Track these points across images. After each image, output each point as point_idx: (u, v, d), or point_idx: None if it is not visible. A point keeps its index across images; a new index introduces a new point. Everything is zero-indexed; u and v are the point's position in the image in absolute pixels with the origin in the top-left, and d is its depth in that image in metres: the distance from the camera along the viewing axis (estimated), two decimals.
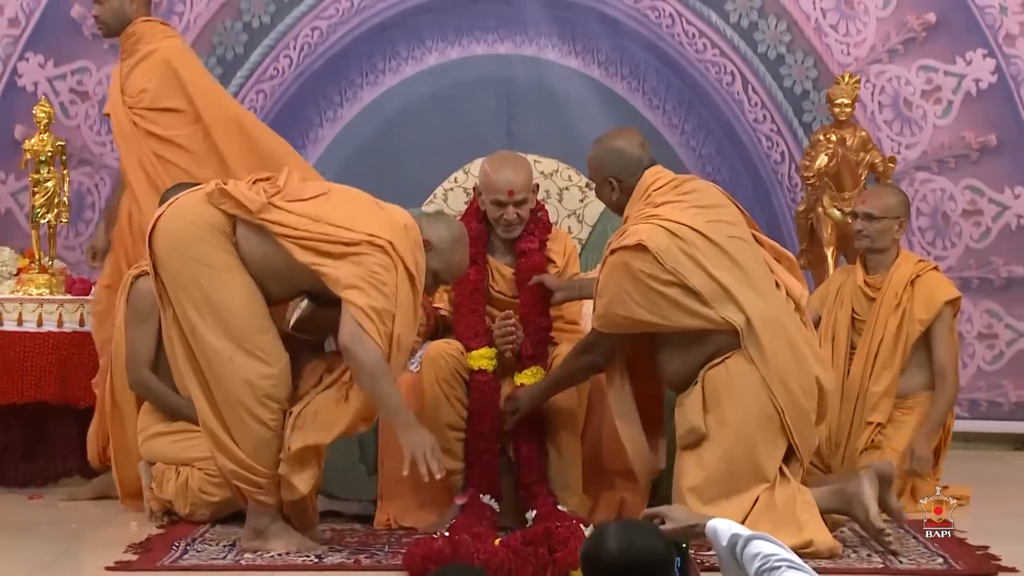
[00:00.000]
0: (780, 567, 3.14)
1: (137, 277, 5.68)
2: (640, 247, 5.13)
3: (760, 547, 3.20)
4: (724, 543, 3.31)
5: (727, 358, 5.16)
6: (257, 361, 4.97)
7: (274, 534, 5.11)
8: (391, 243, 4.92)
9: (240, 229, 5.00)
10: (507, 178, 5.74)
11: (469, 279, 5.73)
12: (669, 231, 5.16)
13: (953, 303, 6.06)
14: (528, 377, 5.64)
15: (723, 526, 3.35)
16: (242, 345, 4.96)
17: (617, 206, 5.41)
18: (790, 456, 5.19)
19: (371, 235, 4.91)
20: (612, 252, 5.21)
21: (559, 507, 5.44)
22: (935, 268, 6.18)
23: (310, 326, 5.20)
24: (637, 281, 5.13)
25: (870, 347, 6.07)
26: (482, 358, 5.64)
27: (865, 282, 6.11)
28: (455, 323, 5.77)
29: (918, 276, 6.07)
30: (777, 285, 5.27)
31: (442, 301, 5.84)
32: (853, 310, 6.15)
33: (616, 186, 5.37)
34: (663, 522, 3.47)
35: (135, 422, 5.77)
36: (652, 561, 3.05)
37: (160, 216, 5.04)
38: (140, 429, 5.76)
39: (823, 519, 5.10)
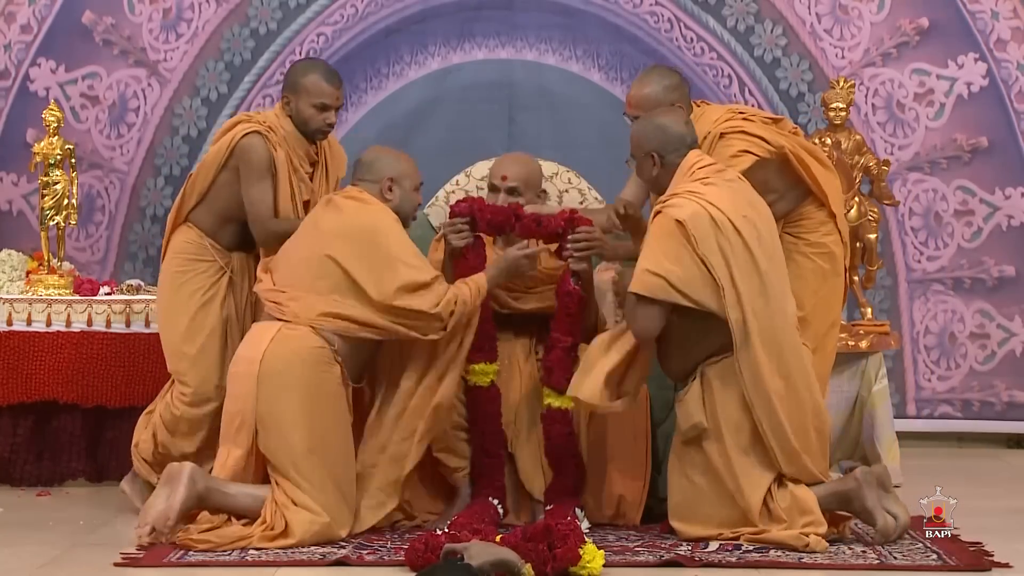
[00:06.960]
0: None
1: (247, 134, 5.68)
2: (680, 225, 5.18)
3: None
4: None
5: (725, 357, 5.23)
6: None
7: None
8: None
9: None
10: (507, 166, 5.88)
11: None
12: (712, 218, 5.19)
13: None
14: (554, 398, 5.60)
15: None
16: None
17: (655, 184, 5.40)
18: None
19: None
20: (658, 213, 5.25)
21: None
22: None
23: None
24: (682, 245, 5.19)
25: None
26: (482, 374, 5.64)
27: None
28: None
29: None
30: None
31: None
32: None
33: (657, 161, 5.36)
34: (463, 559, 3.58)
35: None
36: None
37: None
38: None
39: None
